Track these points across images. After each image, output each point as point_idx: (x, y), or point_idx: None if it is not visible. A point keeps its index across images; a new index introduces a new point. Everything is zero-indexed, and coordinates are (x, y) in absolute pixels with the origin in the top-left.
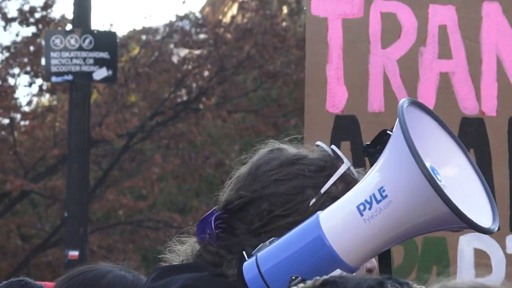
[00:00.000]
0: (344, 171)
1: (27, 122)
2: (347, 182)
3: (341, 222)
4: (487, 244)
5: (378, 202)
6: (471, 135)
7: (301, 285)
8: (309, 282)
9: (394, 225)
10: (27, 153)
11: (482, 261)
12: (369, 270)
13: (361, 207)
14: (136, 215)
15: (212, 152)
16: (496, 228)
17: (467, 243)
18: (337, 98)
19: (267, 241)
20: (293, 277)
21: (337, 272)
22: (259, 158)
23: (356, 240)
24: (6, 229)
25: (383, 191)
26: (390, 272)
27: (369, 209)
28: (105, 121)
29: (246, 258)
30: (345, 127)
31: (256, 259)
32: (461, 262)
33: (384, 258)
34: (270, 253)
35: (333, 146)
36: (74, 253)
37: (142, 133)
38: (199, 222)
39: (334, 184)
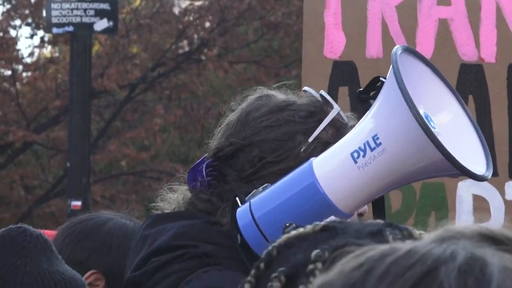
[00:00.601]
0: (334, 116)
1: (29, 74)
2: (337, 127)
3: (335, 169)
4: (486, 190)
5: (372, 149)
6: (470, 82)
7: (301, 229)
8: (308, 227)
9: (388, 173)
10: (30, 104)
11: (481, 207)
12: (360, 214)
13: (355, 155)
14: (138, 166)
15: (214, 103)
16: (490, 176)
17: (466, 189)
18: (335, 44)
19: (260, 188)
20: (287, 224)
21: (331, 218)
22: (248, 105)
23: (350, 188)
24: (9, 180)
25: (377, 138)
26: (384, 217)
27: (363, 156)
28: (106, 72)
29: (239, 205)
30: (343, 73)
31: (250, 205)
32: (460, 208)
33: (378, 203)
34: (263, 199)
35: (322, 91)
36: (77, 203)
37: (144, 84)
38: (189, 170)
39: (324, 129)
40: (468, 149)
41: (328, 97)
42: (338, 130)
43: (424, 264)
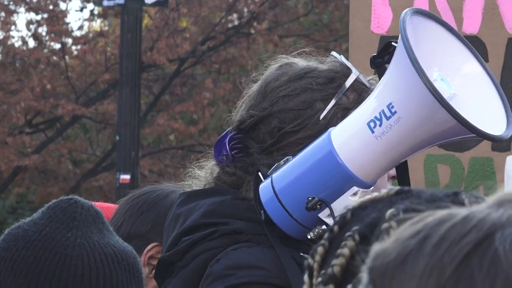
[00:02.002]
0: (356, 81)
1: (78, 47)
2: (359, 92)
3: (353, 139)
4: None
5: (388, 118)
6: None
7: (375, 194)
8: (383, 191)
9: (406, 140)
10: (79, 77)
11: None
12: (393, 177)
13: (372, 124)
14: (187, 140)
15: None
16: (509, 135)
17: None
18: (382, 19)
19: (282, 161)
20: (310, 198)
21: (353, 189)
22: (268, 75)
23: (369, 157)
24: (58, 154)
25: (392, 107)
26: (408, 183)
27: (380, 125)
28: (156, 46)
29: (262, 179)
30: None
31: (272, 180)
32: (508, 182)
33: (401, 167)
34: (284, 172)
35: (341, 56)
36: (126, 177)
37: (193, 58)
38: (215, 144)
39: (344, 94)
40: (487, 109)
41: (347, 62)
42: (360, 95)
43: (480, 230)
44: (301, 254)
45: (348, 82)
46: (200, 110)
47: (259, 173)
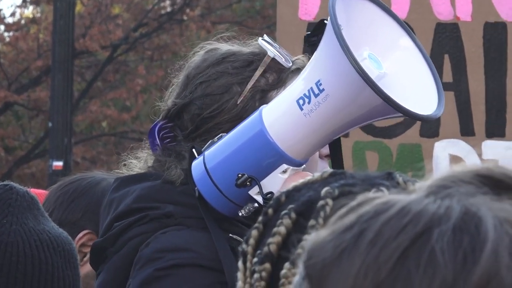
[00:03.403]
0: (274, 62)
1: (10, 34)
2: (278, 73)
3: (283, 117)
4: (463, 149)
5: (316, 96)
6: (446, 40)
7: (309, 177)
8: (316, 174)
9: (334, 118)
10: (11, 64)
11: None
12: (327, 156)
13: (301, 102)
14: (119, 127)
15: None
16: (439, 114)
17: (442, 149)
18: (309, 6)
19: (216, 138)
20: (239, 175)
21: (283, 167)
22: (191, 62)
23: (298, 135)
24: None
25: (320, 84)
26: (341, 162)
27: (308, 103)
28: (89, 32)
29: (196, 156)
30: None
31: (204, 157)
32: (437, 168)
33: (335, 147)
34: (215, 150)
35: (260, 38)
36: (59, 164)
37: (126, 45)
38: (149, 134)
39: (263, 76)
40: (420, 88)
41: (263, 44)
42: (279, 76)
43: (417, 225)
44: (231, 235)
45: (263, 64)
46: (133, 97)
47: (193, 150)
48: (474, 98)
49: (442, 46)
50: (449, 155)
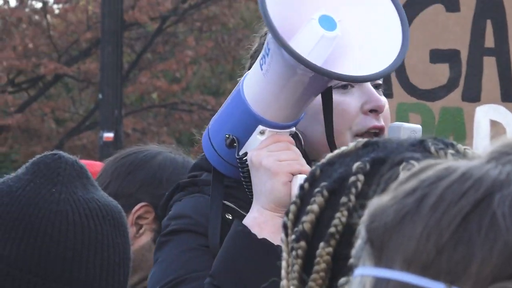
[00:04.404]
0: None
1: (60, 6)
2: None
3: (251, 77)
4: (503, 115)
5: (267, 55)
6: (489, 6)
7: (343, 147)
8: (351, 144)
9: (284, 77)
10: (61, 36)
11: (498, 133)
12: (372, 111)
13: (261, 61)
14: (169, 98)
15: (245, 35)
16: (385, 73)
17: (484, 114)
18: None
19: None
20: (227, 136)
21: (259, 128)
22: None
23: (264, 95)
24: (41, 113)
25: (268, 44)
26: (331, 129)
27: (265, 63)
28: (138, 4)
29: None
30: None
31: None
32: (477, 133)
33: (326, 114)
34: (215, 114)
35: None
36: (109, 135)
37: (175, 16)
38: None
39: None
40: (380, 43)
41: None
42: None
43: (478, 190)
44: (224, 202)
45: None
46: (182, 68)
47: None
48: None
49: (485, 11)
50: (490, 121)
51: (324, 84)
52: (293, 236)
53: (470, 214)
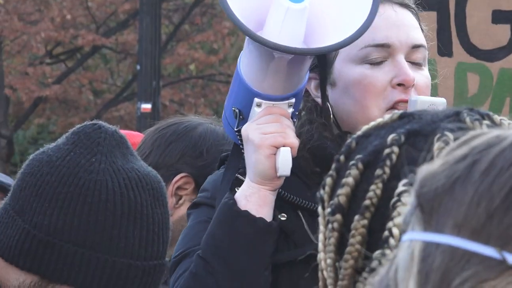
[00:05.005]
0: None
1: None
2: None
3: (244, 54)
4: None
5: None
6: None
7: (380, 119)
8: (386, 117)
9: (264, 60)
10: (98, 8)
11: None
12: (401, 85)
13: (247, 40)
14: (207, 70)
15: None
16: (355, 37)
17: None
18: None
19: None
20: (233, 109)
21: (256, 101)
22: None
23: (254, 71)
24: (78, 84)
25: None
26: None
27: (248, 43)
28: None
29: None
30: None
31: None
32: None
33: (322, 79)
34: None
35: None
36: (147, 106)
37: None
38: None
39: None
40: (349, 12)
41: None
42: None
43: None
44: (237, 175)
45: None
46: (220, 40)
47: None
48: None
49: None
50: None
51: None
52: (328, 209)
53: None
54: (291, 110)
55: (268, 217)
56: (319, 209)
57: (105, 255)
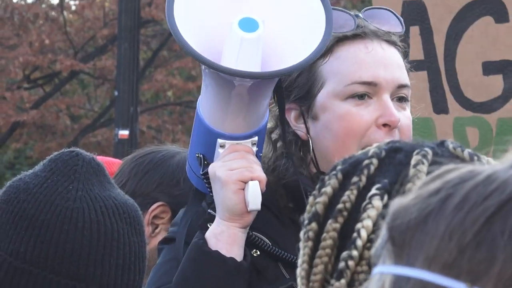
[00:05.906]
0: None
1: (76, 2)
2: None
3: (202, 94)
4: None
5: (205, 68)
6: None
7: (374, 149)
8: (375, 144)
9: (224, 91)
10: (77, 33)
11: None
12: (385, 125)
13: (204, 77)
14: (185, 96)
15: None
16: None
17: None
18: None
19: None
20: (197, 154)
21: (219, 141)
22: None
23: (213, 109)
24: (56, 109)
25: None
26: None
27: (205, 76)
28: (155, 1)
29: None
30: (412, 12)
31: None
32: None
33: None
34: None
35: None
36: (124, 133)
37: None
38: None
39: None
40: (303, 36)
41: None
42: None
43: (503, 192)
44: (209, 211)
45: None
46: (198, 67)
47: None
48: None
49: None
50: None
51: (271, 84)
52: (306, 220)
53: (494, 215)
54: (255, 148)
55: (239, 256)
56: (301, 233)
57: (81, 283)
